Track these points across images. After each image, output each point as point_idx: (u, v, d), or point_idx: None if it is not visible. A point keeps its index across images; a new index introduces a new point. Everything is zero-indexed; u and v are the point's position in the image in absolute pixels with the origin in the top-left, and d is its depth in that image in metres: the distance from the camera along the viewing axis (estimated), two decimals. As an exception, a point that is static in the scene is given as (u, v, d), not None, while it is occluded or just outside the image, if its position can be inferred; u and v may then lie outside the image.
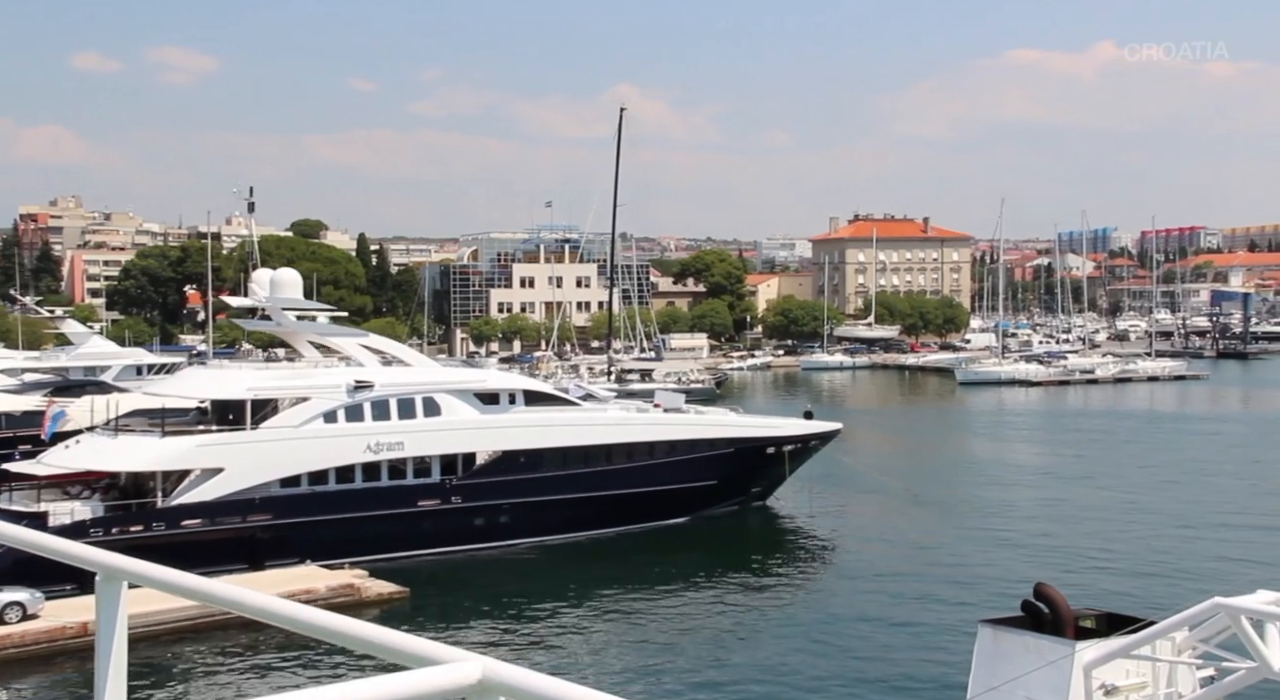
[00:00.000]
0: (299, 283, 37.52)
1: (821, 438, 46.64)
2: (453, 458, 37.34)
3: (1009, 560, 36.71)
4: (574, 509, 39.39)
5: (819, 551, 40.72)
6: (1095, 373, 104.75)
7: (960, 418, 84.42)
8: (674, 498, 41.54)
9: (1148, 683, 13.91)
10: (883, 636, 29.30)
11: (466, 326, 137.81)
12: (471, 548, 37.12)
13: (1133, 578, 34.00)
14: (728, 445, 42.93)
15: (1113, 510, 45.20)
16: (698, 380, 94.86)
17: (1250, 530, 41.21)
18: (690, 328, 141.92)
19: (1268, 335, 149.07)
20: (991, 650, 14.91)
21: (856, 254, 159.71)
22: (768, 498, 46.07)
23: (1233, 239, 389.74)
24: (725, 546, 41.38)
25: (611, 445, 40.36)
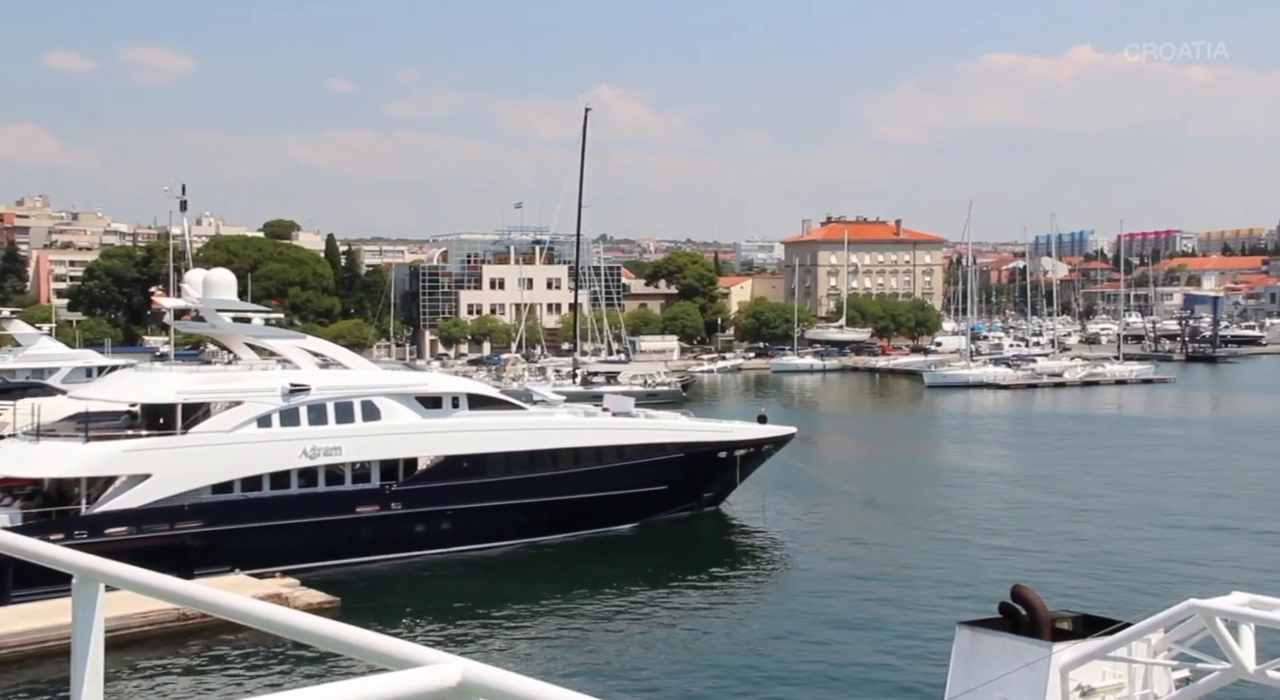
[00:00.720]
0: (233, 283, 36.70)
1: (775, 442, 46.09)
2: (393, 463, 36.58)
3: (972, 564, 36.25)
4: (519, 515, 38.71)
5: (776, 556, 40.14)
6: (1063, 376, 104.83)
7: (925, 421, 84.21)
8: (622, 503, 40.91)
9: (1124, 684, 14.00)
10: (853, 639, 28.88)
11: (435, 328, 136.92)
12: (412, 555, 36.35)
13: (1101, 579, 33.61)
14: (678, 450, 42.31)
15: (1075, 512, 44.84)
16: (664, 383, 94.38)
17: (1219, 532, 40.93)
18: (661, 330, 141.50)
19: (1237, 339, 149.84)
20: (969, 652, 14.95)
21: (829, 256, 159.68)
22: (720, 503, 45.51)
23: (1208, 243, 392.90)
24: (678, 552, 40.75)
25: (557, 450, 39.67)
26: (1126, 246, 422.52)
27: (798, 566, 38.16)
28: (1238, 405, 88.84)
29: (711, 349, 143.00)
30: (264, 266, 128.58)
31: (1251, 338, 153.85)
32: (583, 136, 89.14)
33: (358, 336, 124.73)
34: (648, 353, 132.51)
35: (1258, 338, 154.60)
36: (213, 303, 35.54)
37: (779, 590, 35.13)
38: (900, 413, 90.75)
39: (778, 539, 42.04)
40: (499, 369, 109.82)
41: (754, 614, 31.90)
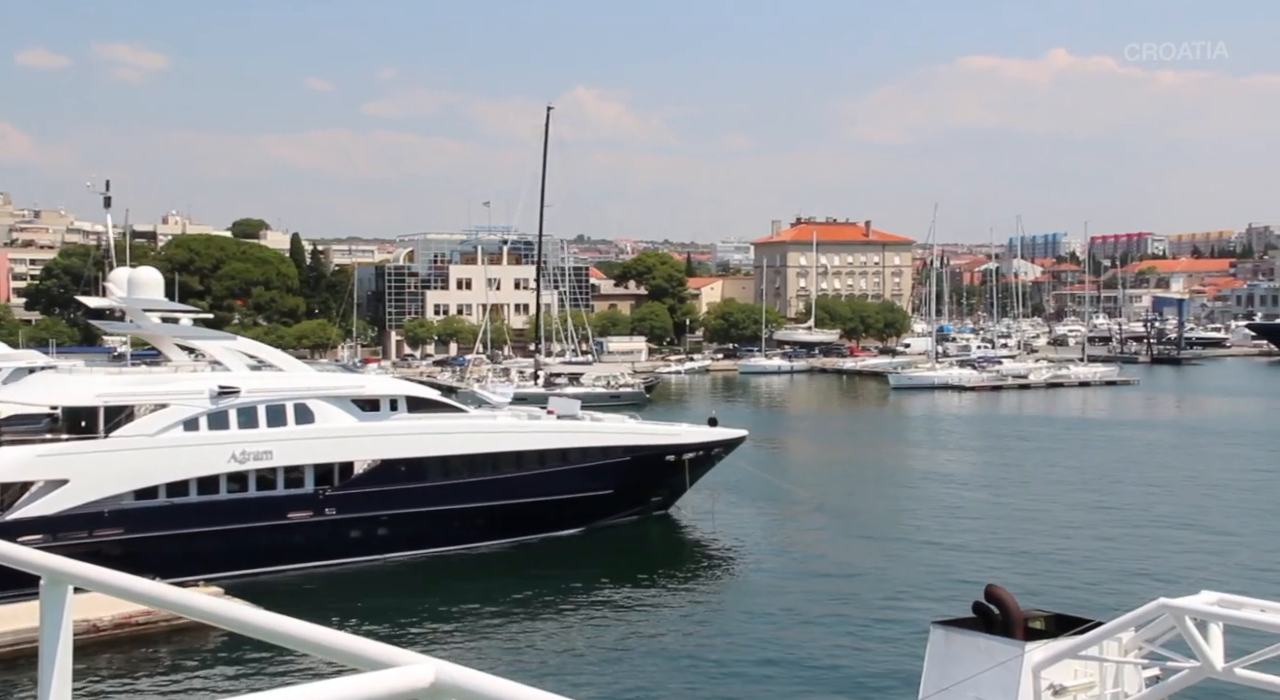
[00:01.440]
0: (159, 282, 35.70)
1: (726, 445, 45.47)
2: (328, 467, 35.73)
3: (925, 567, 35.92)
4: (459, 520, 37.95)
5: (729, 560, 39.54)
6: (1028, 378, 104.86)
7: (887, 423, 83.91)
8: (567, 508, 40.22)
9: (1095, 683, 14.14)
10: (814, 641, 28.45)
11: (401, 329, 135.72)
12: (347, 562, 35.53)
13: (1069, 579, 33.34)
14: (624, 453, 41.63)
15: (1034, 513, 44.58)
16: (627, 384, 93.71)
17: (1184, 532, 40.73)
18: (630, 331, 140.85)
19: (1202, 341, 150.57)
20: (943, 651, 15.02)
21: (798, 257, 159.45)
22: (669, 507, 44.87)
23: (1179, 245, 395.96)
24: (625, 556, 40.07)
25: (499, 453, 38.92)
26: (1099, 249, 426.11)
27: (750, 570, 37.66)
28: (1198, 407, 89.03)
29: (680, 350, 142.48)
30: (227, 266, 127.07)
31: (1216, 340, 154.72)
32: (545, 135, 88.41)
33: (321, 337, 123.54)
34: (615, 354, 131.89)
35: (1222, 340, 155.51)
36: (138, 302, 34.56)
37: (734, 593, 34.58)
38: (863, 415, 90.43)
39: (728, 543, 41.45)
40: (463, 370, 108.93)
41: (713, 617, 31.43)
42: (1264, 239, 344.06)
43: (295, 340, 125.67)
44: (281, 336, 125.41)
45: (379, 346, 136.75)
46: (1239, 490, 49.50)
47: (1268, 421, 76.06)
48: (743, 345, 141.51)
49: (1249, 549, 37.78)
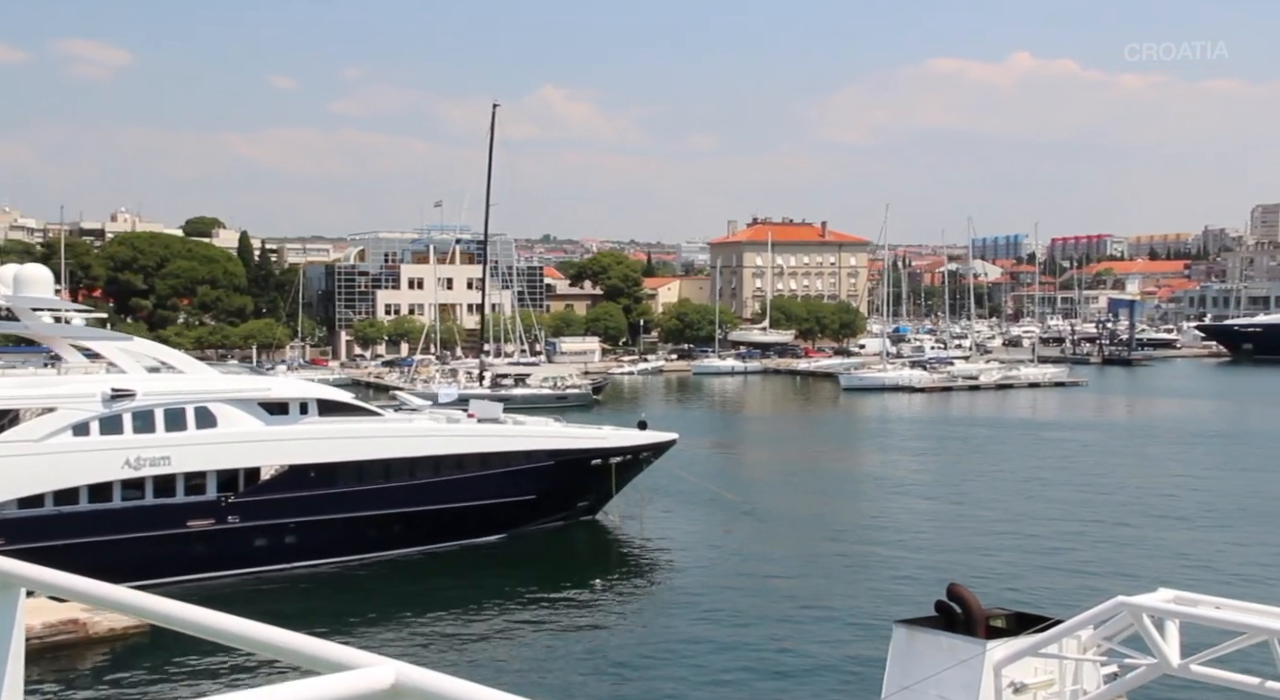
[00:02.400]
0: (49, 280, 34.18)
1: (655, 449, 44.54)
2: (232, 473, 34.39)
3: (861, 568, 35.45)
4: (374, 527, 36.74)
5: (657, 565, 38.57)
6: (979, 379, 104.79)
7: (834, 424, 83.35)
8: (488, 514, 39.12)
9: (1055, 680, 14.26)
10: (757, 644, 27.90)
11: (351, 328, 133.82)
12: (252, 572, 34.20)
13: (1017, 577, 33.11)
14: (547, 457, 40.58)
15: (966, 515, 44.19)
16: (575, 385, 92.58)
17: (1127, 532, 40.58)
18: (584, 331, 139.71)
19: (1153, 342, 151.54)
20: (906, 650, 15.05)
21: (754, 258, 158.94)
22: (596, 513, 43.86)
23: (1137, 247, 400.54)
24: (548, 562, 39.00)
25: (415, 458, 37.72)
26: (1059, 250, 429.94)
27: (680, 574, 36.79)
28: (1144, 409, 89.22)
29: (635, 351, 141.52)
30: (172, 264, 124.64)
31: (1167, 341, 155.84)
32: (490, 133, 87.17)
33: (268, 336, 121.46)
34: (568, 354, 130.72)
35: (1173, 341, 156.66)
36: (26, 301, 33.04)
37: (667, 597, 33.78)
38: (811, 416, 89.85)
39: (656, 547, 40.53)
40: (410, 370, 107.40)
41: (651, 621, 30.78)
42: (1220, 241, 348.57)
43: (241, 340, 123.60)
44: (227, 336, 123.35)
45: (329, 346, 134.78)
46: (1186, 490, 49.31)
47: (1211, 423, 76.22)
48: (698, 346, 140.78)
49: (1202, 547, 37.79)
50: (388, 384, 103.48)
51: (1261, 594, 21.90)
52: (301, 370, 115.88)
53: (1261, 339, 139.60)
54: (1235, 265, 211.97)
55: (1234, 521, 42.31)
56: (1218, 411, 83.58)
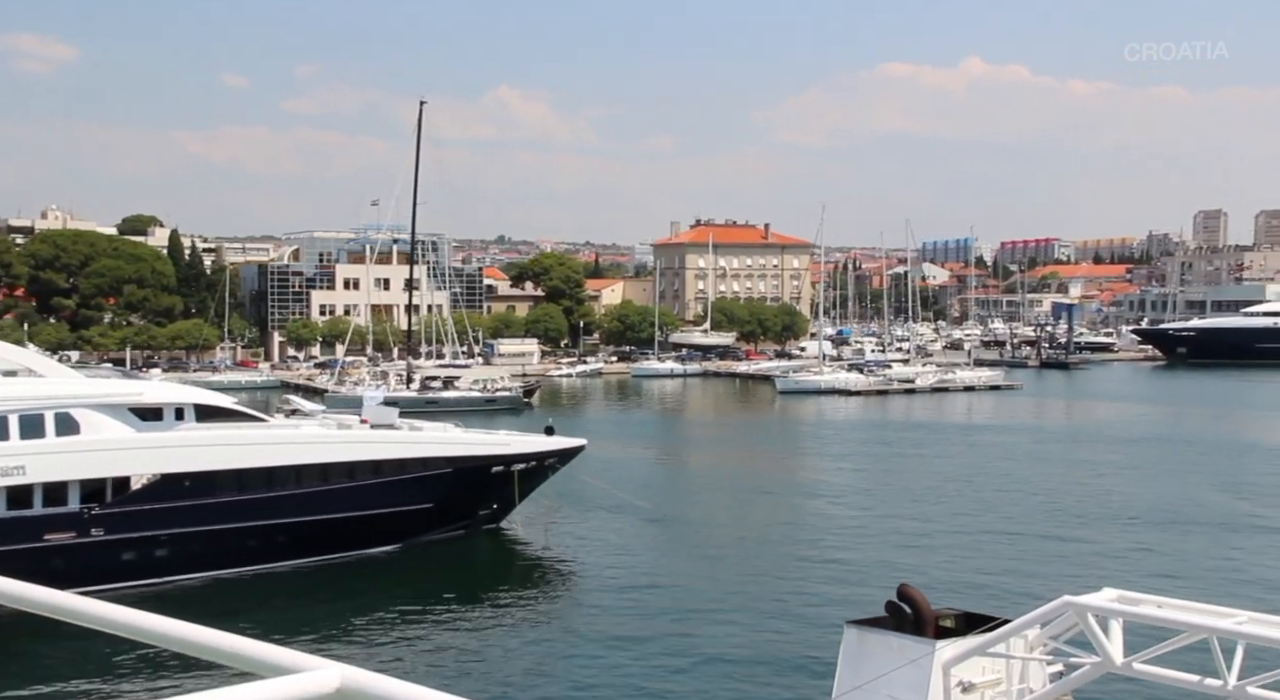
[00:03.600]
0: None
1: (561, 456, 43.15)
2: (98, 483, 32.54)
3: (767, 576, 34.39)
4: (255, 538, 35.00)
5: (563, 574, 37.36)
6: (915, 382, 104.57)
7: (766, 428, 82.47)
8: (380, 523, 37.53)
9: (1002, 679, 14.38)
10: (669, 652, 27.18)
11: (284, 329, 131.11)
12: (117, 587, 32.30)
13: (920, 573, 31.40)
14: (445, 465, 39.05)
15: (888, 518, 43.41)
16: (505, 388, 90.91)
17: (1052, 538, 40.07)
18: (524, 333, 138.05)
19: (1091, 345, 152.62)
20: (856, 650, 15.08)
21: (696, 259, 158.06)
22: (500, 522, 42.40)
23: (1084, 251, 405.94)
24: (444, 574, 37.56)
25: (301, 466, 36.04)
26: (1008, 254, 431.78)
27: (587, 584, 35.56)
28: (1075, 412, 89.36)
29: (575, 352, 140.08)
30: (97, 263, 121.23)
31: (1105, 344, 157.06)
32: (418, 130, 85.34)
33: (196, 337, 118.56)
34: (506, 356, 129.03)
35: (1110, 344, 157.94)
36: None
37: (576, 607, 32.79)
38: (744, 420, 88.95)
39: (560, 556, 39.24)
40: (341, 372, 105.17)
41: (565, 631, 29.76)
42: (1163, 246, 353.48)
43: (169, 340, 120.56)
44: (154, 337, 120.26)
45: (261, 348, 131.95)
46: (1120, 493, 49.05)
47: (1141, 427, 76.28)
48: (640, 348, 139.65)
49: (1142, 548, 37.88)
50: (317, 386, 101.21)
51: (1201, 593, 22.02)
52: (229, 372, 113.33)
53: (1195, 343, 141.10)
54: (1173, 270, 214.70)
55: (1168, 523, 42.35)
56: (1147, 415, 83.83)
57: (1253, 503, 46.75)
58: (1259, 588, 31.84)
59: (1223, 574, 33.87)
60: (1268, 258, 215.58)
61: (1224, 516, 43.64)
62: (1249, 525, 42.21)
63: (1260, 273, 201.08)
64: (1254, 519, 43.38)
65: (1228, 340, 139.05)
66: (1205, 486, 50.78)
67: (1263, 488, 50.69)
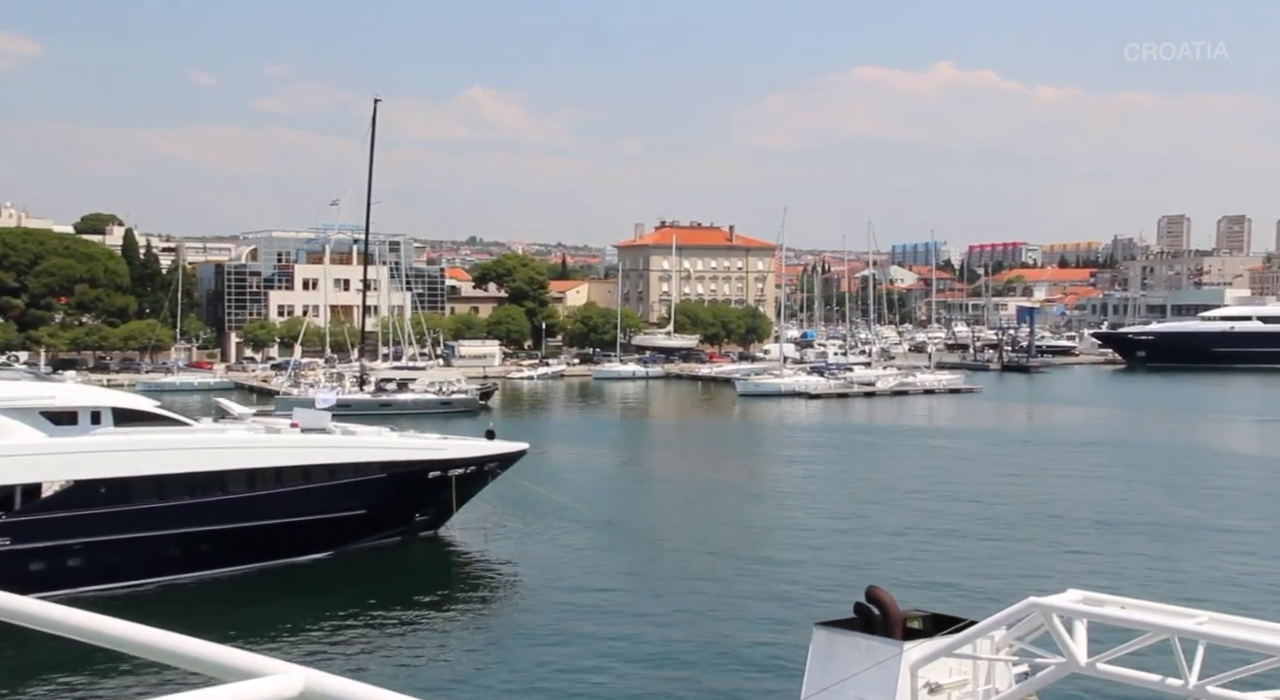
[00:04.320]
0: None
1: (502, 460, 42.20)
2: (6, 491, 31.30)
3: (705, 583, 33.50)
4: (176, 547, 33.86)
5: (504, 581, 36.49)
6: (875, 385, 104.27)
7: (725, 432, 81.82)
8: (310, 530, 36.47)
9: (968, 680, 14.42)
10: (608, 659, 26.62)
11: (241, 330, 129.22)
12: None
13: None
14: (379, 470, 38.04)
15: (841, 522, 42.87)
16: (461, 391, 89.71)
17: (1004, 541, 39.71)
18: (486, 334, 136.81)
19: (1053, 349, 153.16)
20: (825, 651, 15.09)
21: (661, 261, 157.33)
22: (438, 528, 41.39)
23: (1050, 255, 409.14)
24: (376, 582, 36.42)
25: (225, 472, 34.92)
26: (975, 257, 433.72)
27: (526, 591, 34.70)
28: (1033, 416, 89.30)
29: (538, 354, 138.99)
30: (47, 262, 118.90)
31: (1066, 348, 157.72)
32: (372, 129, 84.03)
33: (149, 338, 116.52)
34: (467, 357, 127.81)
35: (1071, 348, 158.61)
36: None
37: (514, 615, 31.98)
38: (703, 423, 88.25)
39: (503, 564, 38.27)
40: (297, 373, 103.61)
41: (504, 639, 29.05)
42: (1128, 250, 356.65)
43: (121, 341, 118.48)
44: (105, 337, 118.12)
45: (217, 349, 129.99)
46: (1077, 496, 48.91)
47: (1094, 430, 76.22)
48: (603, 350, 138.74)
49: (1104, 550, 38.04)
50: (271, 388, 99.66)
51: (1163, 594, 21.92)
52: (182, 373, 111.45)
53: (1154, 347, 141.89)
54: (1135, 274, 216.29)
55: (1122, 526, 42.17)
56: (1101, 419, 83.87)
57: (1205, 507, 46.73)
58: (1218, 588, 31.84)
59: (1183, 575, 33.91)
60: (1226, 262, 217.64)
61: (1178, 519, 43.71)
62: (1203, 528, 42.21)
63: (1219, 277, 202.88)
64: (1208, 522, 43.38)
65: (1185, 344, 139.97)
66: (1159, 490, 50.73)
67: (1215, 492, 50.67)
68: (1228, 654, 12.37)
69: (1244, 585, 32.71)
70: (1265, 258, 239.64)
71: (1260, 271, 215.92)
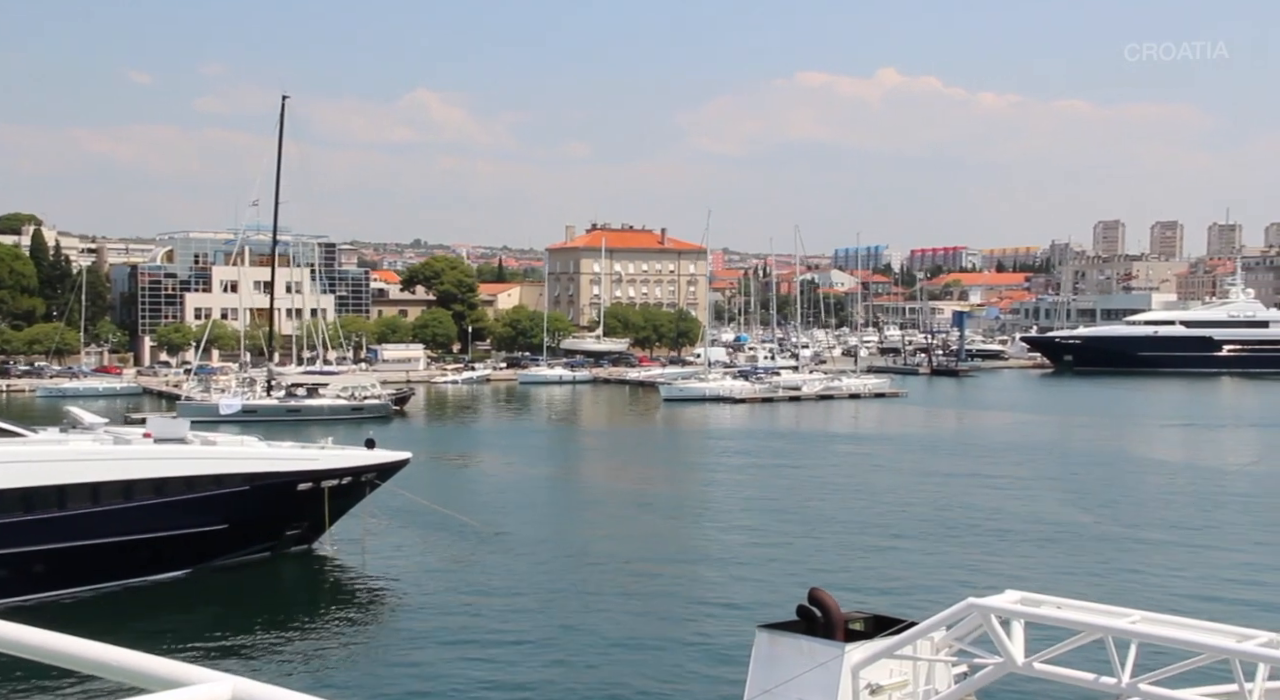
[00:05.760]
0: None
1: (382, 471, 40.12)
2: None
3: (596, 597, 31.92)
4: (6, 568, 31.36)
5: (383, 597, 34.53)
6: (801, 389, 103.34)
7: (646, 437, 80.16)
8: (164, 547, 34.18)
9: (909, 680, 14.52)
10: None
11: (156, 334, 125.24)
12: None
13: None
14: (241, 481, 35.81)
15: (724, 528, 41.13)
16: (374, 396, 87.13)
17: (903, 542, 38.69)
18: (412, 338, 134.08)
19: (983, 353, 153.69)
20: (768, 654, 15.12)
21: (591, 264, 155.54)
22: (313, 543, 39.22)
23: (990, 259, 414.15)
24: (235, 601, 34.31)
25: (65, 486, 32.49)
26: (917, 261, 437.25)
27: (406, 605, 33.01)
28: (952, 420, 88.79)
29: (465, 358, 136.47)
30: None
31: (995, 352, 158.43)
32: (280, 126, 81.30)
33: (55, 341, 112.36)
34: (391, 362, 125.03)
35: (1000, 352, 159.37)
36: None
37: (393, 629, 30.61)
38: (624, 428, 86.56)
39: (380, 580, 36.22)
40: (210, 378, 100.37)
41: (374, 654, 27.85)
42: (1065, 255, 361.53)
43: (25, 344, 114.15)
44: (9, 341, 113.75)
45: (130, 353, 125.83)
46: (994, 500, 48.51)
47: (1015, 435, 75.80)
48: (532, 354, 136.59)
49: (1034, 553, 38.25)
50: (181, 393, 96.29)
51: (1096, 594, 22.08)
52: (88, 379, 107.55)
53: (1080, 351, 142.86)
54: (1067, 278, 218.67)
55: (1049, 530, 42.17)
56: (1025, 425, 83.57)
57: (1125, 511, 46.79)
58: (1148, 588, 32.30)
59: (1113, 577, 34.23)
60: (1154, 267, 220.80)
61: (1097, 523, 43.90)
62: (1124, 531, 42.37)
63: (1146, 282, 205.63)
64: (1130, 524, 43.77)
65: (1111, 348, 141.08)
66: (1076, 496, 50.65)
67: (1134, 497, 50.67)
68: (1159, 652, 12.56)
69: (1169, 586, 33.09)
70: (1191, 263, 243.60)
71: (1186, 276, 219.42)
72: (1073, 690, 13.18)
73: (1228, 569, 36.10)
